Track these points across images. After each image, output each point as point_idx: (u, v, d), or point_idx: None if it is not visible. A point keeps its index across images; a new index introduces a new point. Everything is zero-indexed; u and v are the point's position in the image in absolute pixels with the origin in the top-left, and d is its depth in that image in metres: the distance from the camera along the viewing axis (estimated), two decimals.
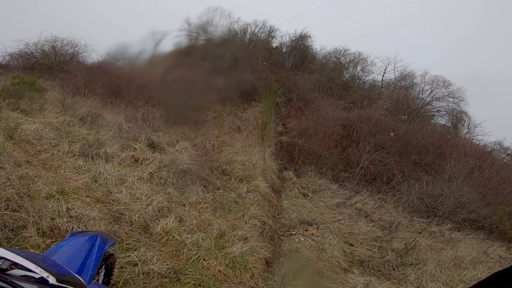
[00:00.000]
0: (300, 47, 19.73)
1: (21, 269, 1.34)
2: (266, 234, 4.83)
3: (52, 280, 1.27)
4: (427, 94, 15.61)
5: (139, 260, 3.19)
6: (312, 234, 5.06)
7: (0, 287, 1.20)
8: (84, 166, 4.95)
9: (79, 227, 3.40)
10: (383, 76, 17.99)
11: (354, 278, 4.02)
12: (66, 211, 3.54)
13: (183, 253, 3.66)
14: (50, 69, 12.14)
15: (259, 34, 19.12)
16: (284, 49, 20.28)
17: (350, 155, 9.68)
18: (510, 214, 6.90)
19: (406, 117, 13.36)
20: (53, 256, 1.82)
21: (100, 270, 2.32)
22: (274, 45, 20.20)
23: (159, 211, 4.34)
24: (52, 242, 3.03)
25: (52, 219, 3.35)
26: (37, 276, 1.31)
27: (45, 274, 1.27)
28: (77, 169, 4.87)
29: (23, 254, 1.30)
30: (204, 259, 3.60)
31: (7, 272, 1.26)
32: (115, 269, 2.65)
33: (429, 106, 15.44)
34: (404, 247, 4.97)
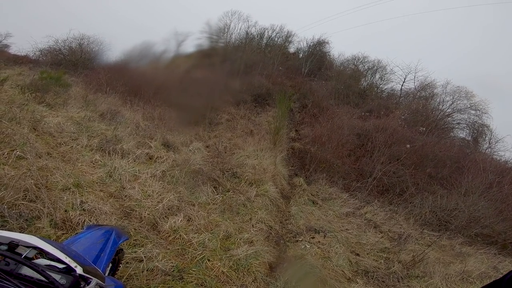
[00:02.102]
0: (317, 53, 19.57)
1: (45, 258, 1.42)
2: (272, 239, 4.82)
3: (79, 270, 1.35)
4: (447, 105, 15.18)
5: (144, 257, 3.26)
6: (319, 241, 5.02)
7: (24, 275, 1.28)
8: (101, 161, 5.14)
9: (91, 221, 3.51)
10: (402, 85, 17.59)
11: None
12: (80, 204, 3.67)
13: (189, 252, 3.71)
14: (76, 65, 12.67)
15: (276, 39, 19.13)
16: (301, 55, 20.17)
17: (364, 165, 9.53)
18: None
19: (424, 128, 13.01)
20: (71, 247, 1.92)
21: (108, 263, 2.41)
22: (291, 50, 20.16)
23: (168, 209, 4.41)
24: (63, 234, 3.16)
25: (66, 211, 3.48)
26: (60, 266, 1.38)
27: (73, 264, 1.35)
28: (93, 163, 5.05)
29: (54, 244, 1.38)
30: (209, 260, 3.64)
31: (32, 261, 1.34)
32: (121, 264, 2.73)
33: (449, 118, 14.98)
34: (412, 259, 4.88)
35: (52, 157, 4.76)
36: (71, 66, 12.46)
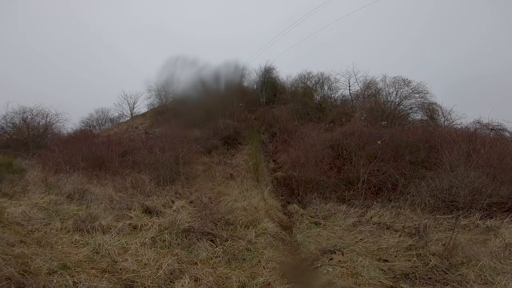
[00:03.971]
0: (268, 80, 19.98)
1: None
2: (289, 275, 4.48)
3: None
4: (394, 95, 16.20)
5: None
6: (339, 261, 4.72)
7: None
8: (82, 240, 4.99)
9: None
10: (349, 90, 18.52)
11: None
12: (73, 285, 3.49)
13: None
14: (26, 145, 11.65)
15: (233, 77, 19.18)
16: (255, 86, 20.44)
17: (347, 173, 9.58)
18: None
19: (385, 122, 13.65)
20: None
21: None
22: (245, 84, 20.33)
23: (171, 274, 4.15)
24: None
25: None
26: None
27: None
28: (75, 244, 4.90)
29: None
30: None
31: None
32: None
33: (401, 106, 15.92)
34: (444, 248, 4.65)
35: (26, 244, 4.58)
36: (20, 146, 11.47)
